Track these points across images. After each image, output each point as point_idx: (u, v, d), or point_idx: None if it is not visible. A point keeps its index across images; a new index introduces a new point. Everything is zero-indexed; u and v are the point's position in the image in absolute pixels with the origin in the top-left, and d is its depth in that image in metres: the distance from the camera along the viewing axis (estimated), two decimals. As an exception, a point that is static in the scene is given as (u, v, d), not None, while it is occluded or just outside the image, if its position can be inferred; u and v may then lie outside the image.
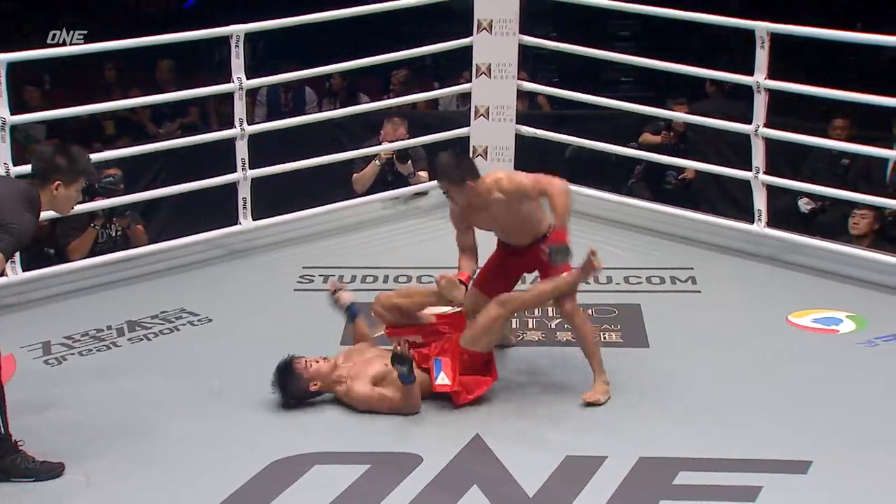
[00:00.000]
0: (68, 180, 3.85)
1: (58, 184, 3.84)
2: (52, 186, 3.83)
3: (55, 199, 3.86)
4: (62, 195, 3.86)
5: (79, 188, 3.93)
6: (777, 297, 5.26)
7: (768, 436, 4.12)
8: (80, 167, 3.88)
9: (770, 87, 5.56)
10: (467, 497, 3.78)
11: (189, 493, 3.80)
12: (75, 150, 3.92)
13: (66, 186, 3.85)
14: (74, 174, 3.87)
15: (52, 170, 3.84)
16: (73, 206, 3.98)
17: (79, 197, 4.00)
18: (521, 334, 4.94)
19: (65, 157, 3.86)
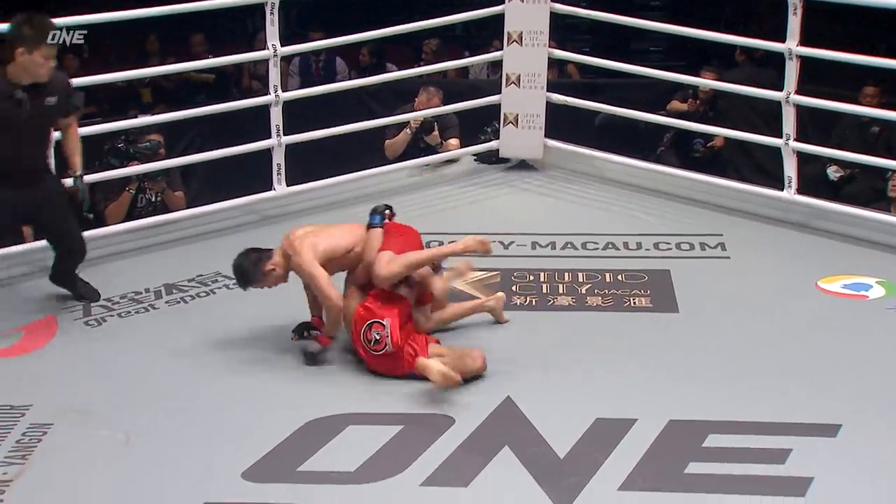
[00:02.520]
0: (31, 47, 4.28)
1: (21, 50, 4.27)
2: (17, 54, 4.28)
3: (22, 66, 4.29)
4: (26, 60, 4.29)
5: (44, 54, 4.30)
6: (806, 263, 5.19)
7: (797, 400, 4.08)
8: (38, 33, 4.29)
9: (802, 55, 5.46)
10: (498, 458, 3.77)
11: (227, 451, 3.81)
12: (38, 18, 4.33)
13: (29, 53, 4.28)
14: (35, 41, 4.27)
15: (16, 38, 4.29)
16: (44, 71, 4.33)
17: (45, 62, 4.33)
18: (552, 299, 4.89)
19: (28, 25, 4.29)
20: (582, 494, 3.58)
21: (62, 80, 4.54)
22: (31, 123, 4.40)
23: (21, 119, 4.35)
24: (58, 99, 4.45)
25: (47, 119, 4.49)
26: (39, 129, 4.48)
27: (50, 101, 4.43)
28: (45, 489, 3.63)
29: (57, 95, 4.45)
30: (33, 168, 4.50)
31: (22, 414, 4.00)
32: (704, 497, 3.57)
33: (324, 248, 4.37)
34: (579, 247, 5.43)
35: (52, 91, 4.43)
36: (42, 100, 4.40)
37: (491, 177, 6.38)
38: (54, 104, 4.45)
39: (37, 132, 4.47)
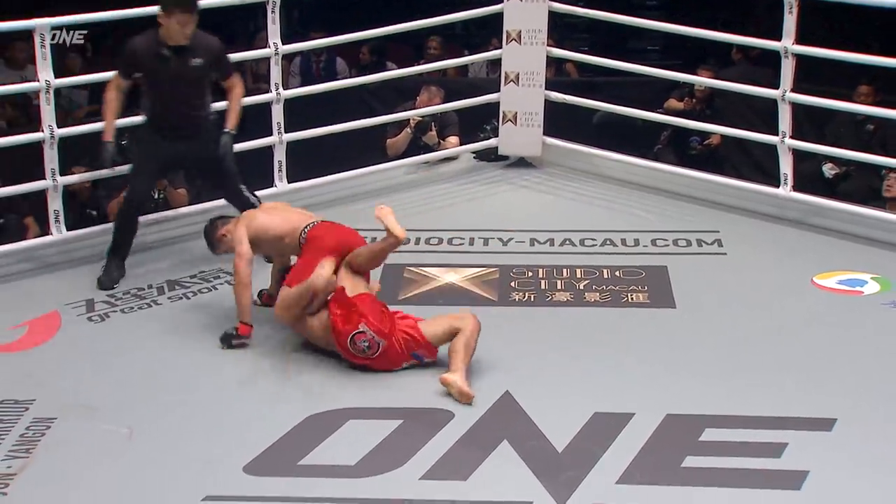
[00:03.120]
0: (168, 13, 4.67)
1: (162, 15, 4.67)
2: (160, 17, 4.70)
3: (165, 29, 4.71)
4: (166, 24, 4.69)
5: (179, 20, 4.67)
6: (802, 259, 5.19)
7: (793, 394, 4.08)
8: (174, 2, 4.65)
9: (797, 53, 5.45)
10: (497, 452, 3.77)
11: (228, 445, 3.81)
12: None
13: (167, 17, 4.67)
14: (171, 7, 4.67)
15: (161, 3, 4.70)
16: (181, 35, 4.69)
17: (181, 28, 4.70)
18: (550, 295, 4.89)
19: None
20: (580, 488, 3.58)
21: (212, 45, 4.85)
22: (177, 81, 4.78)
23: (167, 75, 4.76)
24: (204, 61, 4.79)
25: (193, 78, 4.81)
26: (186, 86, 4.81)
27: (195, 62, 4.77)
28: (49, 483, 3.63)
29: (203, 58, 4.78)
30: (184, 123, 4.85)
31: (26, 408, 4.00)
32: (701, 490, 3.57)
33: (256, 225, 4.47)
34: (577, 243, 5.43)
35: (199, 54, 4.78)
36: (187, 60, 4.75)
37: (490, 174, 6.38)
38: (200, 65, 4.78)
39: (184, 89, 4.81)
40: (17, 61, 7.62)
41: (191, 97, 4.86)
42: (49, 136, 5.07)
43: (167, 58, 4.75)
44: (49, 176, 5.13)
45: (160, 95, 4.86)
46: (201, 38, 4.81)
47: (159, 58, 4.76)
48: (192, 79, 4.82)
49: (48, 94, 5.04)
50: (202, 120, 4.93)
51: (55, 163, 5.13)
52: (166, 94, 4.84)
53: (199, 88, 4.88)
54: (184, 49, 4.76)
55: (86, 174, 5.63)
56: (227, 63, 4.96)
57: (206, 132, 4.93)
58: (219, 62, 4.90)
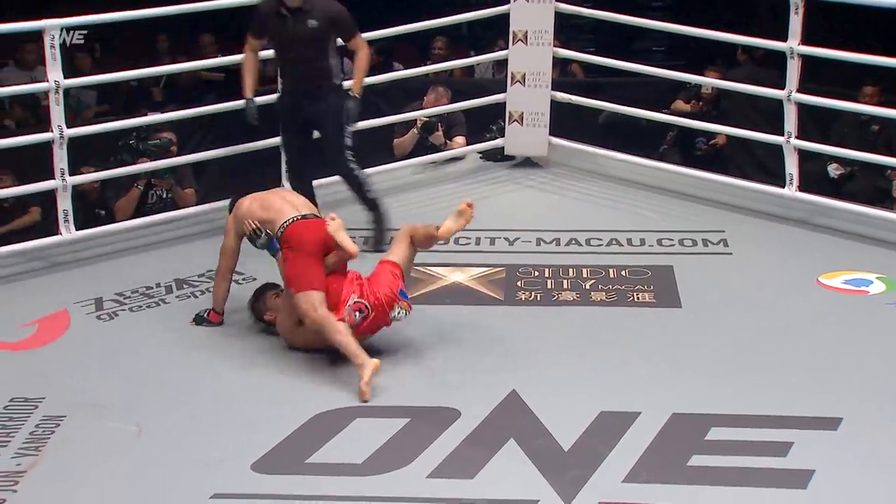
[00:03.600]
0: None
1: None
2: None
3: None
4: None
5: None
6: (808, 259, 5.17)
7: (799, 394, 4.06)
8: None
9: (803, 53, 5.44)
10: (504, 450, 3.76)
11: (236, 443, 3.81)
12: None
13: None
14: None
15: None
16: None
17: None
18: (556, 294, 4.88)
19: None
20: (586, 486, 3.56)
21: (329, 8, 4.99)
22: (296, 41, 4.96)
23: (287, 35, 4.96)
24: (320, 23, 4.93)
25: (310, 39, 4.95)
26: (305, 47, 4.97)
27: (311, 23, 4.93)
28: (58, 480, 3.63)
29: (319, 20, 4.93)
30: (307, 83, 5.03)
31: (35, 406, 4.00)
32: (707, 489, 3.55)
33: (241, 213, 4.45)
34: (583, 243, 5.42)
35: (315, 16, 4.93)
36: (304, 21, 4.92)
37: (496, 174, 6.37)
38: (316, 27, 4.93)
39: (303, 50, 4.98)
40: (26, 62, 7.62)
41: (311, 58, 4.99)
42: (58, 137, 5.08)
43: (286, 18, 4.91)
44: (58, 176, 5.13)
45: (283, 56, 5.09)
46: (320, 1, 4.96)
47: (279, 17, 4.94)
48: (310, 39, 4.95)
49: (57, 95, 5.04)
50: (325, 81, 5.04)
51: (65, 163, 5.14)
52: (287, 54, 5.06)
53: (320, 50, 5.00)
54: (301, 10, 4.92)
55: (95, 174, 5.65)
56: (346, 26, 5.04)
57: (329, 94, 5.03)
58: (337, 25, 5.00)
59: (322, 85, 5.03)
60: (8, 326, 4.59)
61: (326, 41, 4.99)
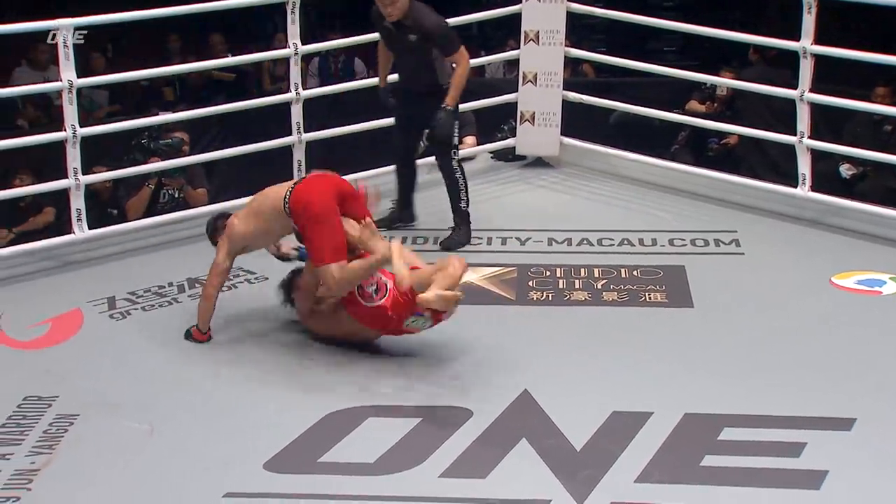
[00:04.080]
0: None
1: None
2: None
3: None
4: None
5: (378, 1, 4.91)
6: (820, 259, 5.15)
7: (812, 394, 4.05)
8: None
9: (816, 53, 5.42)
10: (516, 450, 3.75)
11: (249, 442, 3.81)
12: None
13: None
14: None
15: None
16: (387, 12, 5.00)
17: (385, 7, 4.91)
18: (568, 294, 4.88)
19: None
20: (598, 486, 3.56)
21: (425, 24, 5.09)
22: (401, 51, 5.20)
23: (395, 45, 5.20)
24: (418, 38, 5.07)
25: (412, 52, 5.14)
26: (409, 56, 5.18)
27: (411, 37, 5.10)
28: (72, 478, 3.64)
29: (417, 35, 5.07)
30: (415, 87, 5.25)
31: (49, 405, 4.01)
32: (720, 489, 3.54)
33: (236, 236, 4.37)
34: (595, 243, 5.41)
35: (414, 31, 5.09)
36: (405, 35, 5.12)
37: (508, 174, 6.36)
38: (414, 41, 5.09)
39: (408, 59, 5.21)
40: (39, 62, 7.66)
41: (416, 66, 5.18)
42: (72, 136, 5.09)
43: (390, 29, 5.12)
44: (71, 175, 5.14)
45: (397, 60, 5.31)
46: (419, 16, 5.08)
47: (384, 28, 5.16)
48: (412, 51, 5.13)
49: (71, 94, 5.06)
50: (432, 87, 5.18)
51: (77, 162, 5.15)
52: (397, 60, 5.29)
53: (424, 59, 5.15)
54: (402, 24, 5.09)
55: (107, 174, 5.66)
56: (443, 41, 5.12)
57: (434, 100, 5.15)
58: (433, 41, 5.11)
59: (428, 89, 5.20)
60: (21, 325, 4.60)
61: (429, 52, 5.15)
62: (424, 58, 5.16)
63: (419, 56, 5.15)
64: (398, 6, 5.03)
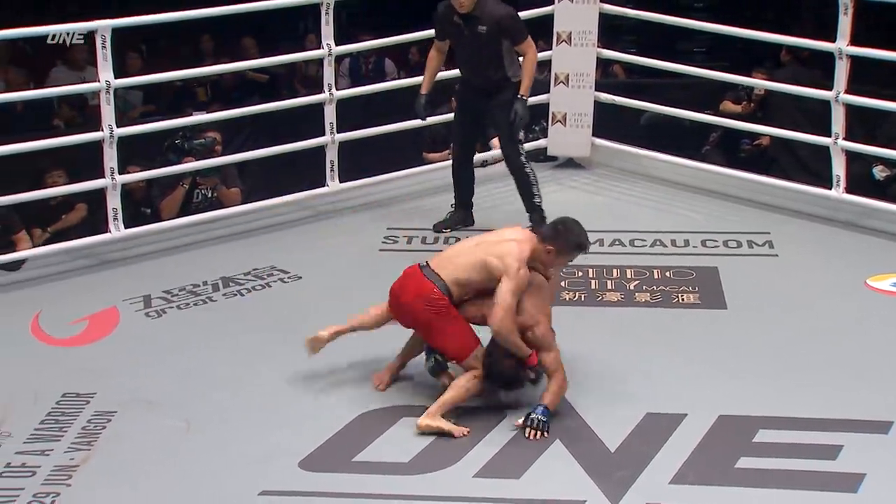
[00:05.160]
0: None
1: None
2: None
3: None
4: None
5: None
6: (855, 261, 5.11)
7: (848, 396, 4.02)
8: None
9: (852, 54, 5.38)
10: (550, 451, 3.75)
11: (283, 441, 3.82)
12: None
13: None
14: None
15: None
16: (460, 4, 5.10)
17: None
18: (600, 295, 4.86)
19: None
20: (633, 488, 3.55)
21: (496, 14, 5.13)
22: (469, 45, 5.20)
23: (461, 40, 5.20)
24: (489, 29, 5.11)
25: (482, 44, 5.16)
26: (478, 50, 5.18)
27: (481, 29, 5.12)
28: (110, 475, 3.66)
29: (488, 26, 5.10)
30: (482, 82, 5.24)
31: (87, 402, 4.04)
32: (755, 491, 3.52)
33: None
34: (627, 244, 5.39)
35: (484, 21, 5.12)
36: (475, 27, 5.13)
37: (539, 174, 6.20)
38: (485, 32, 5.12)
39: (477, 53, 5.20)
40: (76, 63, 7.70)
41: (485, 60, 5.19)
42: (108, 136, 5.13)
43: (459, 25, 5.14)
44: (108, 175, 5.18)
45: (461, 57, 5.31)
46: (488, 8, 5.13)
47: (452, 24, 5.18)
48: (482, 44, 5.14)
49: (108, 95, 5.09)
50: (500, 81, 5.20)
51: (114, 161, 5.18)
52: (464, 56, 5.29)
53: (493, 52, 5.16)
54: (471, 17, 5.12)
55: (142, 173, 5.69)
56: (514, 31, 5.16)
57: (502, 92, 5.19)
58: (504, 31, 5.14)
59: (495, 83, 5.22)
60: (59, 323, 4.64)
61: (498, 43, 5.17)
62: (494, 49, 5.17)
63: (489, 48, 5.16)
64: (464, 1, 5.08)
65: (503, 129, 5.32)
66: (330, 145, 5.73)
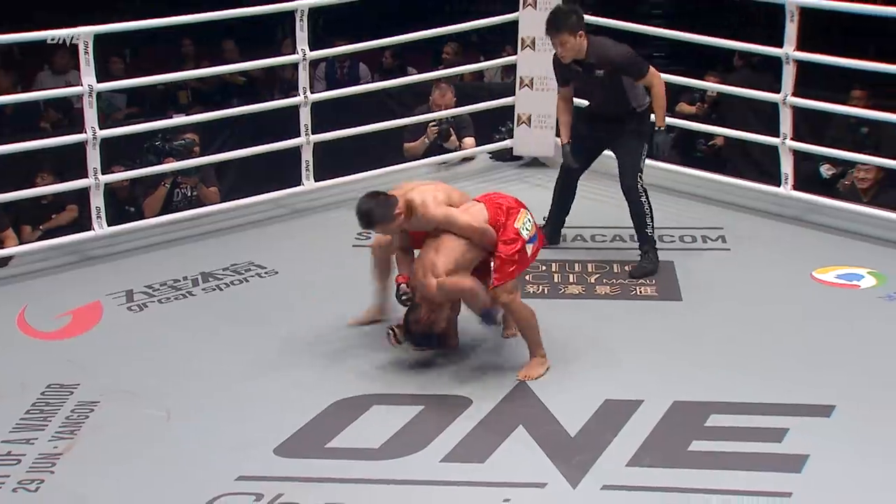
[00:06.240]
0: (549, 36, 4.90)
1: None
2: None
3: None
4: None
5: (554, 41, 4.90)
6: (802, 255, 5.16)
7: (794, 383, 4.06)
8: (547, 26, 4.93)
9: (798, 59, 5.43)
10: (513, 436, 3.76)
11: (260, 429, 3.82)
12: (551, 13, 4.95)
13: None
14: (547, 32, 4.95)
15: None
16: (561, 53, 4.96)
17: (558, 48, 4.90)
18: (562, 288, 4.88)
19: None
20: (592, 470, 3.57)
21: (608, 56, 4.95)
22: (592, 86, 5.09)
23: (583, 83, 5.10)
24: (606, 71, 4.95)
25: (603, 87, 5.02)
26: (602, 90, 5.04)
27: (598, 73, 4.97)
28: (92, 462, 3.65)
29: (604, 69, 4.95)
30: (611, 116, 5.08)
31: (70, 392, 4.02)
32: (706, 473, 3.55)
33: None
34: (588, 239, 5.41)
35: (600, 65, 4.95)
36: (592, 71, 4.98)
37: (505, 173, 6.36)
38: (602, 76, 4.97)
39: (600, 92, 5.07)
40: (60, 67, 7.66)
41: (610, 98, 5.03)
42: (91, 137, 5.09)
43: (577, 70, 5.00)
44: (91, 175, 5.15)
45: (586, 96, 5.21)
46: (600, 50, 4.95)
47: (571, 70, 5.02)
48: (603, 85, 4.99)
49: (91, 98, 5.06)
50: (628, 113, 5.03)
51: (97, 162, 5.15)
52: (589, 95, 5.18)
53: (616, 89, 4.98)
54: (586, 62, 4.96)
55: (125, 173, 5.66)
56: (631, 68, 4.95)
57: (631, 122, 5.03)
58: (621, 70, 4.95)
59: (625, 117, 5.04)
60: (45, 317, 4.61)
61: (619, 82, 4.98)
62: (617, 87, 4.98)
63: (610, 89, 4.99)
64: (569, 47, 4.88)
65: (630, 157, 5.05)
66: (305, 146, 5.72)
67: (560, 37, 4.89)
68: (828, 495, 3.45)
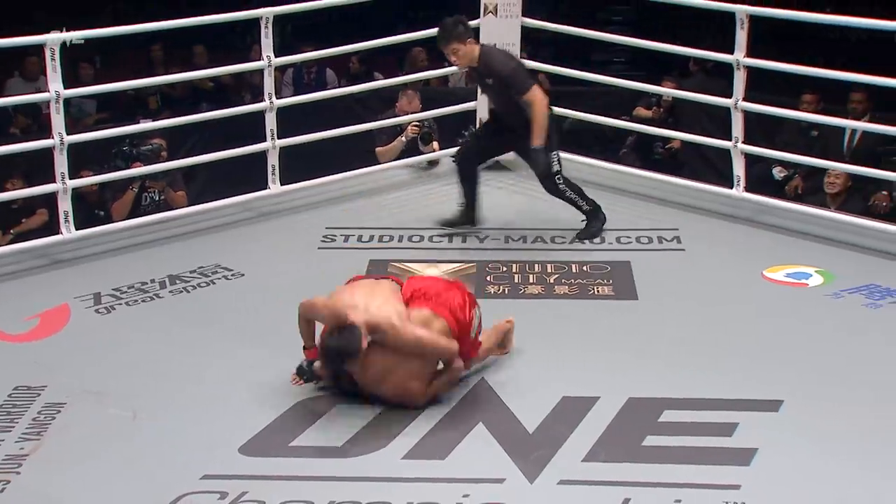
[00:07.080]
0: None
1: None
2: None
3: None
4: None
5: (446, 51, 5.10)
6: (753, 255, 5.20)
7: (744, 378, 4.09)
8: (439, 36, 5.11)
9: (748, 65, 5.48)
10: (473, 433, 3.77)
11: (225, 428, 3.80)
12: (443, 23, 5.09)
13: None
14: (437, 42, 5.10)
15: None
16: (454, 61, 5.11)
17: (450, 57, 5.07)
18: (522, 288, 4.90)
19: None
20: (549, 466, 3.58)
21: (495, 68, 5.06)
22: (488, 93, 5.33)
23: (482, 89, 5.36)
24: (494, 81, 5.09)
25: (494, 93, 5.20)
26: (496, 97, 5.23)
27: (489, 81, 5.12)
28: (59, 462, 3.61)
29: (493, 79, 5.08)
30: (507, 121, 5.22)
31: (37, 394, 3.98)
32: (660, 467, 3.58)
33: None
34: (548, 240, 5.43)
35: (490, 75, 5.09)
36: (484, 79, 5.16)
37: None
38: (492, 84, 5.12)
39: (496, 99, 5.26)
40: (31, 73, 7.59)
41: (508, 105, 5.13)
42: (59, 143, 5.05)
43: (472, 76, 5.28)
44: (59, 179, 5.10)
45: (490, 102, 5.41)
46: (490, 62, 5.07)
47: (470, 75, 5.32)
48: (497, 93, 5.15)
49: (58, 104, 5.01)
50: (522, 122, 5.07)
51: (65, 167, 5.10)
52: (488, 99, 5.40)
53: (508, 100, 5.09)
54: (479, 70, 5.12)
55: (93, 178, 5.62)
56: (514, 84, 5.01)
57: (525, 134, 5.08)
58: (505, 84, 5.04)
59: (521, 124, 5.09)
60: (12, 320, 4.56)
61: (509, 92, 5.05)
62: (508, 98, 5.09)
63: (504, 97, 5.12)
64: (461, 55, 5.02)
65: (538, 166, 5.18)
66: (271, 150, 5.70)
67: (450, 46, 5.02)
68: (775, 488, 3.48)
